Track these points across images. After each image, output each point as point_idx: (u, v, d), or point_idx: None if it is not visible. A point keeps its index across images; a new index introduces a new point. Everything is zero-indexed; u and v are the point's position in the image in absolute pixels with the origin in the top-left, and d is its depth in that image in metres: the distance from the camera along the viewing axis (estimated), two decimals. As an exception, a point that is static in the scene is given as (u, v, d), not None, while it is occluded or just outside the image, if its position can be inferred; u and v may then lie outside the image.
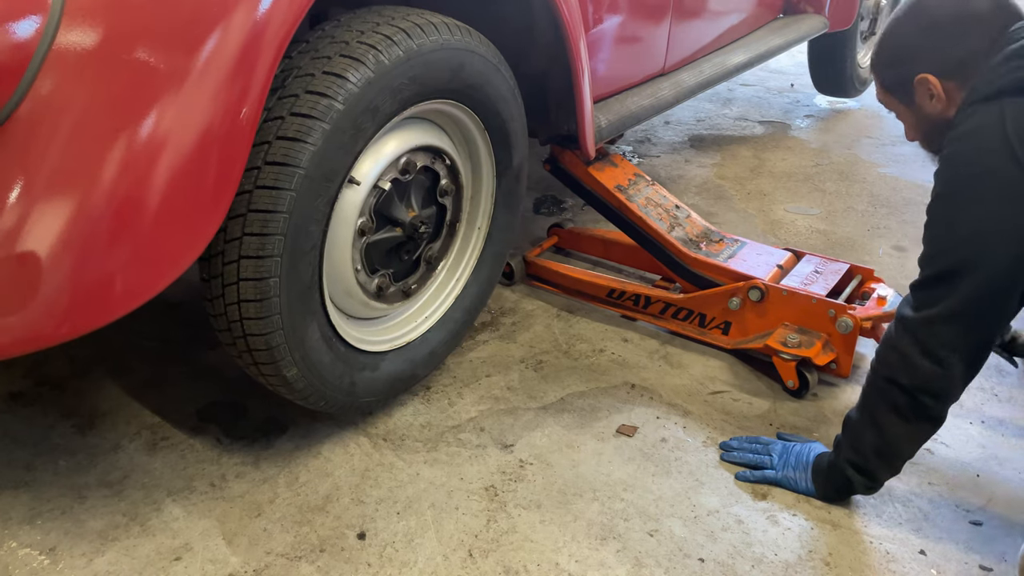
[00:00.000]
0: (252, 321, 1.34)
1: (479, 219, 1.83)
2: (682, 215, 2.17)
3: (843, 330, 1.81)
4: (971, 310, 1.28)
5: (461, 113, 1.64)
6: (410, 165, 1.57)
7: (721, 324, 1.98)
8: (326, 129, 1.30)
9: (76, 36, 1.11)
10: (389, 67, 1.36)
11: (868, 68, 1.34)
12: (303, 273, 1.37)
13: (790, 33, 3.10)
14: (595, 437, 1.67)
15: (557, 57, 1.85)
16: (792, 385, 1.81)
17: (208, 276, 1.35)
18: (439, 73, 1.48)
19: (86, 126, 1.11)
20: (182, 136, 1.14)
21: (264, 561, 1.36)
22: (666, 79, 2.47)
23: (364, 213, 1.50)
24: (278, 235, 1.30)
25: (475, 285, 1.85)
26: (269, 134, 1.28)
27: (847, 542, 1.44)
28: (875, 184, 3.03)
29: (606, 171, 2.18)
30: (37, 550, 1.36)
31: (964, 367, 1.31)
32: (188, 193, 1.17)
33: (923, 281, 1.33)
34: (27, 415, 1.67)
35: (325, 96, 1.30)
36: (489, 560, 1.37)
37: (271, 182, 1.27)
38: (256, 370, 1.43)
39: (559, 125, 2.03)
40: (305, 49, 1.35)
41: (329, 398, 1.53)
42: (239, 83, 1.18)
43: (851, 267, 2.04)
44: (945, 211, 1.31)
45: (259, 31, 1.20)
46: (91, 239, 1.11)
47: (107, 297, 1.14)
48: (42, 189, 1.09)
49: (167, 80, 1.14)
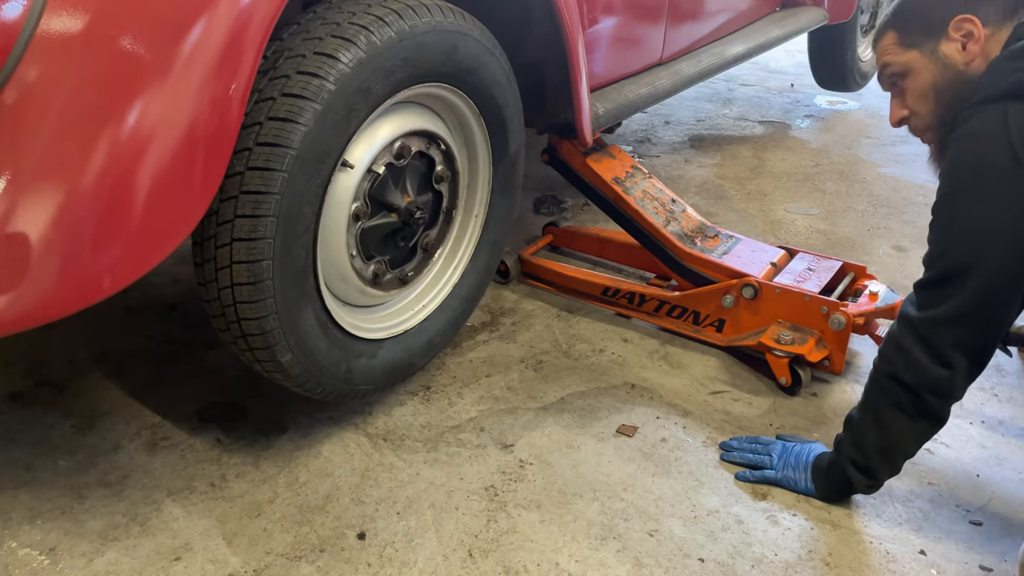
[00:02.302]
0: (246, 305, 1.34)
1: (476, 207, 1.83)
2: (678, 209, 2.17)
3: (836, 327, 1.82)
4: (975, 311, 1.28)
5: (456, 98, 1.64)
6: (405, 150, 1.56)
7: (715, 321, 1.99)
8: (318, 109, 1.29)
9: (62, 19, 1.11)
10: (381, 48, 1.36)
11: (871, 48, 1.26)
12: (297, 256, 1.37)
13: (789, 25, 3.10)
14: (595, 437, 1.67)
15: (553, 45, 1.85)
16: (785, 382, 1.82)
17: (201, 260, 1.35)
18: (432, 55, 1.48)
19: (72, 109, 1.11)
20: (168, 116, 1.14)
21: (264, 561, 1.36)
22: (664, 68, 2.47)
23: (359, 198, 1.50)
24: (270, 217, 1.29)
25: (472, 274, 1.84)
26: (260, 115, 1.28)
27: (847, 542, 1.44)
28: (875, 184, 3.03)
29: (604, 162, 2.19)
30: (37, 550, 1.36)
31: (968, 366, 1.32)
32: (176, 172, 1.17)
33: (927, 281, 1.33)
34: (27, 415, 1.67)
35: (316, 76, 1.29)
36: (489, 560, 1.37)
37: (262, 163, 1.27)
38: (251, 356, 1.42)
39: (556, 113, 2.03)
40: (296, 31, 1.35)
41: (326, 385, 1.52)
42: (227, 61, 1.18)
43: (844, 264, 2.05)
44: (949, 211, 1.31)
45: (247, 10, 1.20)
46: (78, 220, 1.11)
47: (96, 277, 1.15)
48: (29, 173, 1.09)
49: (154, 60, 1.14)
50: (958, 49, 1.34)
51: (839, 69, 3.78)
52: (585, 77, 1.92)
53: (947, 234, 1.31)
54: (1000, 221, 1.24)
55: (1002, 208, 1.24)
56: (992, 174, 1.24)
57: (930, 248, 1.33)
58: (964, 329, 1.29)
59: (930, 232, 1.33)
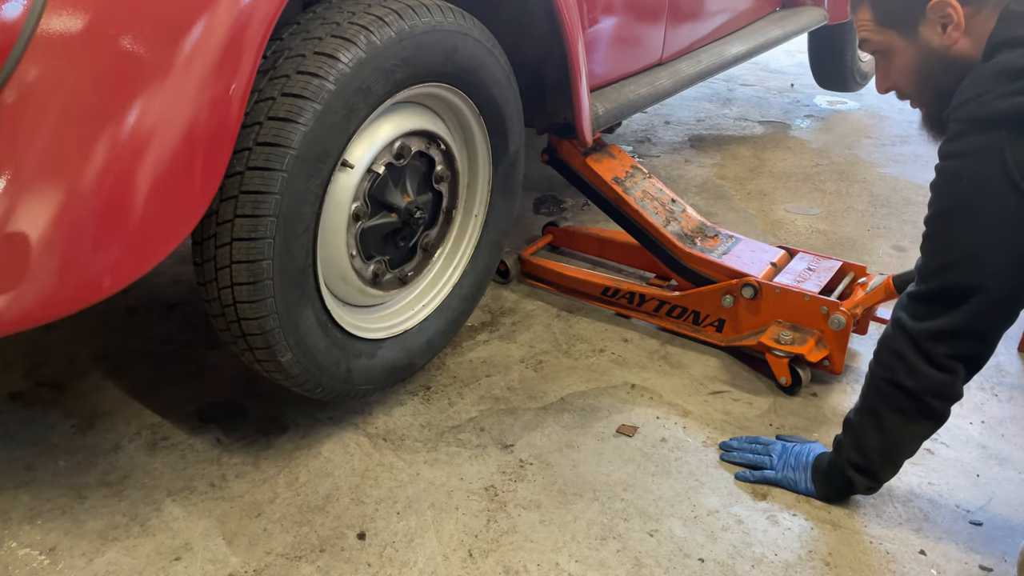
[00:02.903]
0: (246, 305, 1.34)
1: (476, 206, 1.83)
2: (678, 209, 2.17)
3: (836, 327, 1.82)
4: (972, 326, 1.28)
5: (456, 98, 1.64)
6: (404, 150, 1.56)
7: (715, 321, 1.99)
8: (318, 109, 1.30)
9: (62, 18, 1.11)
10: (381, 48, 1.36)
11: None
12: (296, 256, 1.37)
13: (789, 25, 3.10)
14: (595, 437, 1.67)
15: (553, 45, 1.85)
16: (785, 382, 1.82)
17: (201, 260, 1.35)
18: (432, 55, 1.48)
19: (72, 109, 1.11)
20: (168, 115, 1.15)
21: (264, 561, 1.36)
22: (664, 68, 2.47)
23: (358, 197, 1.50)
24: (270, 216, 1.29)
25: (472, 274, 1.84)
26: (260, 115, 1.28)
27: (847, 542, 1.44)
28: (875, 184, 3.03)
29: (604, 162, 2.19)
30: (37, 550, 1.36)
31: (967, 371, 1.32)
32: (176, 171, 1.17)
33: (922, 294, 1.32)
34: (27, 415, 1.67)
35: (316, 76, 1.29)
36: (489, 560, 1.37)
37: (262, 163, 1.27)
38: (251, 356, 1.42)
39: (556, 113, 2.03)
40: (296, 31, 1.35)
41: (325, 385, 1.52)
42: (227, 60, 1.18)
43: (844, 264, 2.05)
44: (946, 228, 1.29)
45: (247, 10, 1.20)
46: (78, 219, 1.11)
47: (96, 276, 1.15)
48: (29, 172, 1.09)
49: (153, 60, 1.14)
50: (938, 32, 1.29)
51: (839, 69, 3.78)
52: (585, 77, 1.92)
53: (946, 250, 1.29)
54: (999, 242, 1.23)
55: (1000, 231, 1.22)
56: (989, 197, 1.22)
57: (926, 260, 1.32)
58: (964, 341, 1.29)
59: (925, 243, 1.32)
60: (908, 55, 1.33)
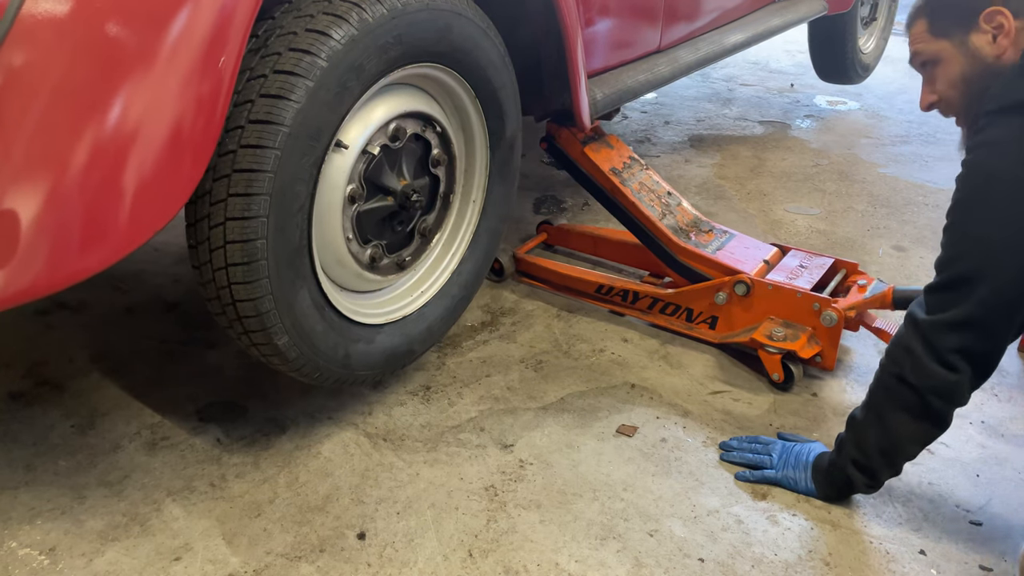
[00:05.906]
0: (240, 286, 1.33)
1: (474, 192, 1.82)
2: (673, 202, 2.17)
3: (828, 323, 1.83)
4: (981, 317, 1.28)
5: (451, 79, 1.63)
6: (400, 131, 1.56)
7: (708, 319, 1.99)
8: (310, 86, 1.29)
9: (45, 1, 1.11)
10: (373, 25, 1.36)
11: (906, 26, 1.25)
12: (291, 236, 1.36)
13: (789, 14, 3.10)
14: (595, 437, 1.67)
15: (550, 26, 1.84)
16: (777, 378, 1.83)
17: (195, 242, 1.34)
18: (425, 34, 1.47)
19: (59, 90, 1.11)
20: (157, 88, 1.14)
21: (264, 561, 1.36)
22: (663, 55, 2.47)
23: (354, 179, 1.49)
24: (263, 195, 1.28)
25: (471, 261, 1.84)
26: (252, 92, 1.28)
27: (847, 542, 1.44)
28: (875, 184, 3.03)
29: (602, 152, 2.19)
30: (37, 550, 1.36)
31: (973, 372, 1.32)
32: (165, 146, 1.16)
33: (936, 285, 1.34)
34: (27, 415, 1.67)
35: (308, 53, 1.29)
36: (489, 560, 1.37)
37: (255, 141, 1.27)
38: (248, 340, 1.41)
39: (554, 99, 2.02)
40: (288, 9, 1.34)
41: (324, 369, 1.52)
42: (217, 37, 1.18)
43: (835, 261, 2.06)
44: (961, 218, 1.31)
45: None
46: (68, 195, 1.11)
47: (85, 252, 1.15)
48: (19, 150, 1.10)
49: (141, 36, 1.14)
50: (988, 41, 1.33)
51: (840, 61, 3.77)
52: (582, 58, 1.91)
53: (958, 240, 1.31)
54: (1011, 231, 1.25)
55: (1013, 218, 1.24)
56: (1003, 183, 1.25)
57: (942, 252, 1.34)
58: (970, 335, 1.30)
59: (943, 236, 1.34)
60: (957, 64, 1.37)
